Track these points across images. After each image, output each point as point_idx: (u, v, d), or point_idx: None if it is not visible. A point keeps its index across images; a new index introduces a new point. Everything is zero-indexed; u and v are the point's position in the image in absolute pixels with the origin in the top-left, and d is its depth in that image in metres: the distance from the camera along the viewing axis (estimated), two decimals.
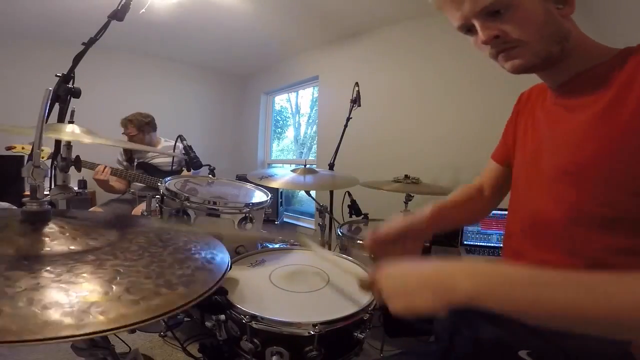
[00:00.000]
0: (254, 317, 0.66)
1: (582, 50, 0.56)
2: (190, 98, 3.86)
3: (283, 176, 1.46)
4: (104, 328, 0.30)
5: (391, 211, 1.85)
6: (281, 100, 4.19)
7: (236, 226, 1.09)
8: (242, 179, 1.60)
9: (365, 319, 0.72)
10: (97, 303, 0.33)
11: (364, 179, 1.65)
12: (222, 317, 0.72)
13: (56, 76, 0.94)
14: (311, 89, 3.62)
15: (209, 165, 1.81)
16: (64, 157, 1.03)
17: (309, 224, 3.37)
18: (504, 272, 0.43)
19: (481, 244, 1.87)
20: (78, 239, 0.47)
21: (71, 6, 2.34)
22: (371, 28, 2.65)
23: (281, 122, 4.29)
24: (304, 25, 2.73)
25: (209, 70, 3.93)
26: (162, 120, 2.31)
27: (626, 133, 0.47)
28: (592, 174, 0.52)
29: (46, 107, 0.51)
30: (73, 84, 0.95)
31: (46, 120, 0.54)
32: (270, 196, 1.28)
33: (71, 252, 0.43)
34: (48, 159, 1.57)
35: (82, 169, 1.07)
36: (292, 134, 4.20)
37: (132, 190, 2.11)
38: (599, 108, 0.51)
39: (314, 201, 1.72)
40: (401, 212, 1.81)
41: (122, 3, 0.98)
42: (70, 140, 1.02)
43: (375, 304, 0.76)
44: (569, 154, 0.55)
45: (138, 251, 0.48)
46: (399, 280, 0.49)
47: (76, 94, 0.95)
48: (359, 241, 0.59)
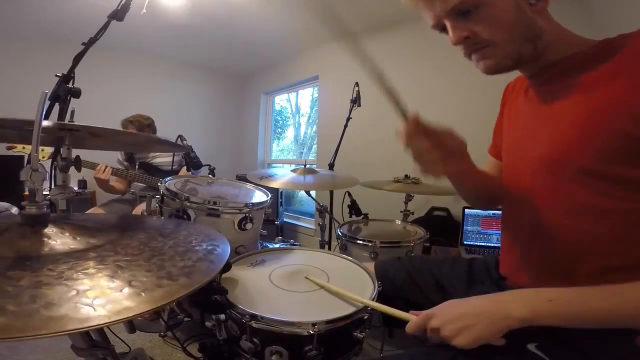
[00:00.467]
0: (253, 317, 0.66)
1: (560, 43, 0.56)
2: (190, 98, 3.86)
3: (283, 176, 1.46)
4: (108, 320, 0.31)
5: (391, 211, 1.87)
6: (281, 100, 4.19)
7: (236, 226, 1.09)
8: (242, 179, 1.60)
9: (365, 318, 0.72)
10: (100, 297, 0.34)
11: (364, 179, 1.65)
12: (222, 316, 0.72)
13: (56, 76, 0.94)
14: (311, 89, 3.62)
15: (209, 165, 1.81)
16: (64, 157, 1.03)
17: (309, 224, 3.37)
18: (552, 294, 0.47)
19: (481, 244, 1.87)
20: (78, 238, 0.47)
21: (71, 6, 2.34)
22: (371, 28, 2.65)
23: (281, 122, 4.29)
24: (304, 25, 2.73)
25: (209, 70, 3.93)
26: (162, 120, 2.32)
27: (611, 122, 0.47)
28: (573, 160, 0.52)
29: (43, 111, 0.51)
30: (73, 84, 0.95)
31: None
32: (270, 196, 1.28)
33: (72, 251, 0.44)
34: (48, 158, 1.57)
35: (83, 168, 1.07)
36: (292, 134, 4.20)
37: (132, 190, 2.11)
38: (582, 97, 0.51)
39: (314, 201, 1.72)
40: (401, 212, 1.81)
41: (122, 3, 0.98)
42: None
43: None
44: (550, 143, 0.56)
45: (139, 246, 0.48)
46: (454, 313, 0.52)
47: (76, 94, 0.95)
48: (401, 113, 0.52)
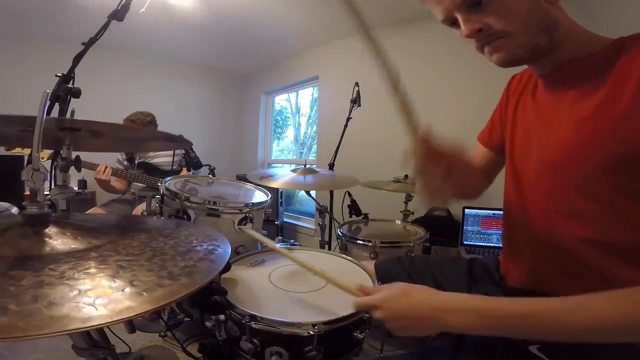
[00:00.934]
0: (253, 317, 0.67)
1: (573, 39, 0.54)
2: (190, 98, 3.86)
3: (283, 176, 1.46)
4: (110, 320, 0.31)
5: (391, 211, 1.87)
6: (281, 100, 4.19)
7: (236, 226, 1.09)
8: (242, 179, 1.60)
9: (365, 319, 0.72)
10: (102, 297, 0.34)
11: (364, 179, 1.65)
12: (222, 317, 0.72)
13: (56, 76, 0.94)
14: (311, 89, 3.62)
15: (209, 165, 1.81)
16: (64, 157, 1.03)
17: (309, 224, 3.37)
18: (487, 308, 0.50)
19: (481, 244, 1.87)
20: (79, 238, 0.47)
21: (71, 6, 2.34)
22: (371, 28, 2.65)
23: (281, 122, 4.29)
24: (304, 25, 2.73)
25: (209, 70, 3.93)
26: (163, 120, 2.32)
27: (615, 131, 0.47)
28: (582, 167, 0.51)
29: (44, 110, 0.51)
30: (73, 84, 0.95)
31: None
32: (270, 196, 1.28)
33: (73, 251, 0.44)
34: (48, 159, 1.57)
35: (82, 169, 1.07)
36: (292, 134, 4.20)
37: (132, 191, 2.11)
38: (592, 103, 0.51)
39: (314, 201, 1.72)
40: (401, 212, 1.81)
41: (122, 3, 0.98)
42: None
43: None
44: (558, 148, 0.55)
45: (140, 246, 0.48)
46: (397, 314, 0.56)
47: (76, 94, 0.95)
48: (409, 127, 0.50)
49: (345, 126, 1.88)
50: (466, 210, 1.89)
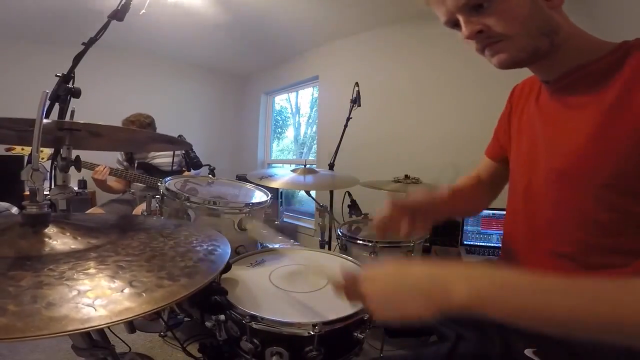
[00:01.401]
0: (253, 318, 0.66)
1: (575, 43, 0.54)
2: (190, 98, 3.86)
3: (283, 176, 1.46)
4: (109, 321, 0.31)
5: None
6: (281, 100, 4.19)
7: (236, 226, 1.09)
8: (242, 179, 1.60)
9: (365, 319, 0.72)
10: (101, 297, 0.34)
11: (364, 179, 1.65)
12: (222, 317, 0.72)
13: (56, 76, 0.94)
14: (311, 89, 3.62)
15: (209, 165, 1.81)
16: (64, 157, 1.03)
17: (309, 224, 3.37)
18: (504, 277, 0.40)
19: (481, 244, 1.87)
20: (79, 238, 0.47)
21: (71, 6, 2.34)
22: (371, 28, 2.65)
23: (281, 122, 4.29)
24: (304, 25, 2.73)
25: (209, 70, 3.93)
26: (162, 120, 2.31)
27: (632, 136, 0.46)
28: (594, 176, 0.50)
29: (43, 110, 0.51)
30: (73, 84, 0.95)
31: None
32: (270, 196, 1.28)
33: (73, 251, 0.44)
34: (48, 159, 1.57)
35: (82, 169, 1.07)
36: (292, 134, 4.20)
37: (132, 191, 2.11)
38: (601, 109, 0.50)
39: (314, 201, 1.72)
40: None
41: (122, 3, 0.98)
42: None
43: None
44: (568, 155, 0.54)
45: (139, 247, 0.48)
46: (387, 284, 0.45)
47: (76, 94, 0.95)
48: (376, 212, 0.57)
49: (345, 126, 1.88)
50: None
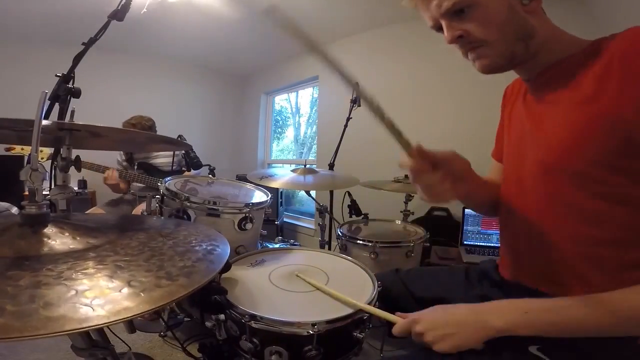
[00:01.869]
0: (253, 317, 0.66)
1: (554, 43, 0.56)
2: (190, 98, 3.86)
3: (283, 176, 1.46)
4: (107, 321, 0.31)
5: (391, 211, 1.87)
6: (281, 100, 4.19)
7: (236, 226, 1.09)
8: (242, 179, 1.60)
9: (365, 318, 0.72)
10: (99, 297, 0.33)
11: (364, 179, 1.65)
12: (222, 317, 0.72)
13: (56, 76, 0.94)
14: (311, 89, 3.62)
15: (209, 165, 1.81)
16: (64, 157, 1.03)
17: (309, 224, 3.37)
18: (527, 305, 0.51)
19: (481, 244, 1.87)
20: (78, 238, 0.47)
21: (71, 6, 2.34)
22: (371, 28, 2.65)
23: (281, 122, 4.29)
24: (303, 25, 2.73)
25: (209, 70, 3.93)
26: (162, 120, 2.32)
27: (605, 124, 0.47)
28: (571, 165, 0.52)
29: (42, 110, 0.51)
30: (73, 84, 0.95)
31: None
32: (270, 196, 1.28)
33: (71, 251, 0.44)
34: (48, 159, 1.57)
35: (83, 169, 1.07)
36: (292, 134, 4.20)
37: (132, 191, 2.11)
38: (576, 100, 0.52)
39: (314, 201, 1.72)
40: (401, 212, 1.81)
41: (122, 3, 0.98)
42: None
43: (376, 303, 0.76)
44: (550, 148, 0.56)
45: (138, 246, 0.48)
46: (437, 323, 0.56)
47: (76, 94, 0.95)
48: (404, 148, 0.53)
49: (345, 126, 1.88)
50: (466, 210, 1.89)
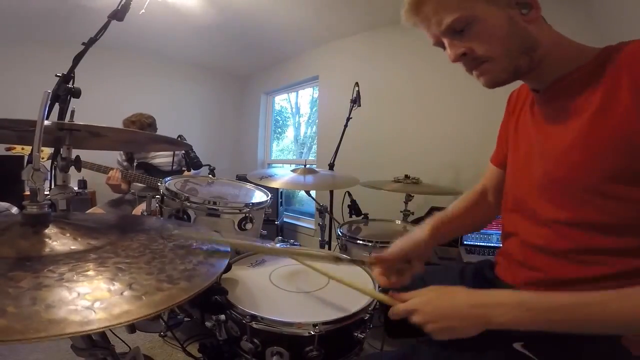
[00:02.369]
0: (254, 318, 0.66)
1: (559, 53, 0.56)
2: (190, 98, 3.86)
3: (283, 176, 1.46)
4: (107, 324, 0.31)
5: (391, 211, 1.87)
6: (281, 100, 4.19)
7: (236, 226, 1.09)
8: (242, 179, 1.60)
9: (365, 319, 0.72)
10: (100, 300, 0.33)
11: (364, 179, 1.65)
12: (222, 317, 0.72)
13: (56, 76, 0.94)
14: (311, 89, 3.62)
15: (209, 165, 1.81)
16: (64, 157, 1.02)
17: (309, 224, 3.37)
18: (528, 305, 0.48)
19: (481, 244, 1.87)
20: (79, 239, 0.47)
21: (71, 6, 2.34)
22: (371, 28, 2.65)
23: (281, 122, 4.29)
24: (304, 25, 2.73)
25: (209, 70, 3.93)
26: (162, 120, 2.31)
27: (614, 139, 0.47)
28: (583, 181, 0.52)
29: (45, 110, 0.51)
30: (73, 84, 0.95)
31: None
32: (270, 196, 1.28)
33: (73, 252, 0.44)
34: (48, 159, 1.56)
35: (83, 169, 1.07)
36: (292, 134, 4.19)
37: (132, 191, 2.11)
38: (587, 115, 0.51)
39: (314, 201, 1.72)
40: (401, 212, 1.81)
41: (122, 3, 0.98)
42: None
43: (376, 304, 0.76)
44: (558, 161, 0.56)
45: (139, 248, 0.48)
46: (437, 315, 0.53)
47: (76, 94, 0.95)
48: (363, 261, 0.66)
49: (345, 126, 1.88)
50: None
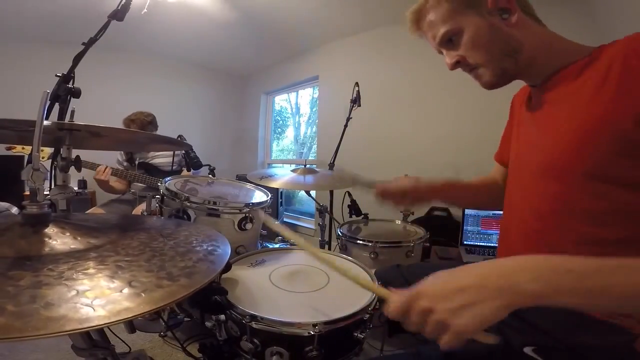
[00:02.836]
0: (253, 318, 0.66)
1: (550, 51, 0.58)
2: (190, 98, 3.86)
3: (283, 176, 1.46)
4: (107, 321, 0.31)
5: (391, 211, 1.86)
6: (281, 100, 4.19)
7: (236, 226, 1.09)
8: (242, 179, 1.60)
9: (365, 319, 0.72)
10: (100, 297, 0.33)
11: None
12: (222, 317, 0.72)
13: (56, 76, 0.94)
14: (311, 89, 3.62)
15: (209, 165, 1.81)
16: (64, 157, 1.02)
17: (309, 224, 3.37)
18: (567, 266, 0.39)
19: (481, 244, 1.87)
20: (79, 238, 0.47)
21: (71, 6, 2.34)
22: (371, 28, 2.65)
23: (281, 122, 4.29)
24: (303, 25, 2.73)
25: (209, 70, 3.93)
26: (162, 121, 2.32)
27: (607, 129, 0.48)
28: (573, 166, 0.52)
29: (44, 110, 0.51)
30: (73, 84, 0.95)
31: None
32: (270, 196, 1.28)
33: (72, 251, 0.44)
34: (48, 159, 1.56)
35: (83, 169, 1.07)
36: (292, 134, 4.20)
37: (132, 191, 2.11)
38: (580, 103, 0.53)
39: (314, 201, 1.72)
40: (401, 212, 1.80)
41: (122, 3, 0.98)
42: None
43: (376, 304, 0.75)
44: (552, 149, 0.57)
45: (139, 247, 0.48)
46: (449, 287, 0.41)
47: (76, 94, 0.95)
48: (369, 186, 0.71)
49: (345, 126, 1.88)
50: (466, 210, 1.89)
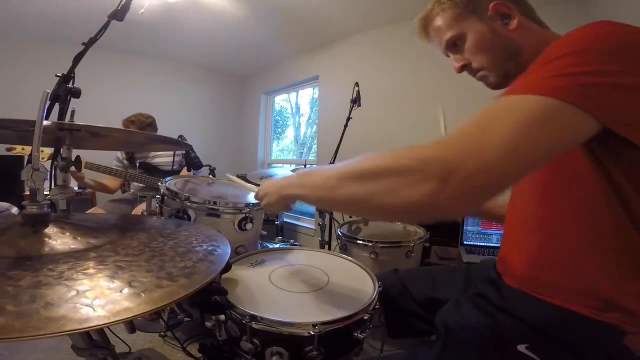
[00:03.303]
0: (253, 318, 0.66)
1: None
2: (190, 98, 3.86)
3: (283, 176, 1.46)
4: (107, 321, 0.31)
5: None
6: (281, 100, 4.19)
7: (236, 226, 1.09)
8: (242, 179, 1.60)
9: (365, 319, 0.72)
10: (100, 298, 0.33)
11: None
12: (222, 317, 0.72)
13: (56, 76, 0.94)
14: (311, 89, 3.62)
15: (209, 165, 1.81)
16: (64, 157, 1.03)
17: (309, 224, 3.37)
18: (306, 177, 0.57)
19: (481, 244, 1.87)
20: (79, 238, 0.47)
21: (71, 6, 2.34)
22: (371, 28, 2.65)
23: (281, 122, 4.29)
24: (303, 25, 2.73)
25: (209, 70, 3.93)
26: (162, 120, 2.32)
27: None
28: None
29: (44, 110, 0.51)
30: (73, 84, 0.95)
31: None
32: None
33: (72, 251, 0.44)
34: (48, 159, 1.56)
35: (87, 170, 1.07)
36: (292, 134, 4.20)
37: (132, 191, 2.11)
38: None
39: None
40: None
41: (122, 3, 0.98)
42: None
43: (376, 304, 0.76)
44: None
45: (139, 247, 0.48)
46: (265, 188, 0.71)
47: (76, 94, 0.95)
48: None
49: (345, 126, 1.88)
50: None
